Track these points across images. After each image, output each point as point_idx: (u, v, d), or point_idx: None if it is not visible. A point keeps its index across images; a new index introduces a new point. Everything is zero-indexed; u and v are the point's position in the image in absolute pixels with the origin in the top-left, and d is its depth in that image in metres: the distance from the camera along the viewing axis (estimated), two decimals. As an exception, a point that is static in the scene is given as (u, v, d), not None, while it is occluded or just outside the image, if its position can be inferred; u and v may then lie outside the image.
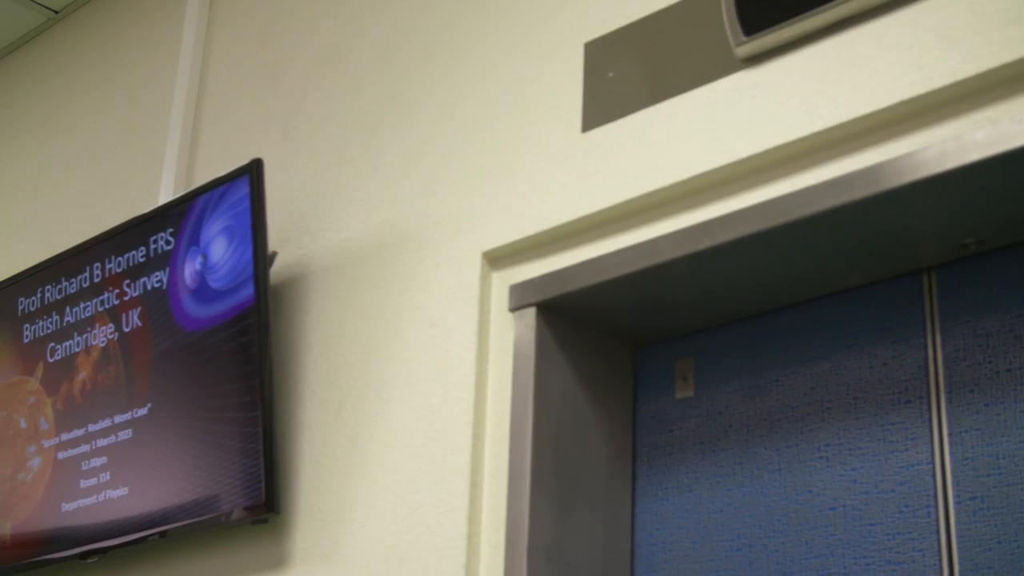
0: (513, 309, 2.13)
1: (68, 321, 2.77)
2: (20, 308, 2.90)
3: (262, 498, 2.29)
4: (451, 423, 2.13)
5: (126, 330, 2.63)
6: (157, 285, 2.58)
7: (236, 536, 2.40)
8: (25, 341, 2.86)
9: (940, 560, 1.76)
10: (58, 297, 2.81)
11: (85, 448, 2.65)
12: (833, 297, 2.00)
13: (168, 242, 2.57)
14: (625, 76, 2.07)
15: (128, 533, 2.51)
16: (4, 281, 2.99)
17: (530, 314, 2.11)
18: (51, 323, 2.81)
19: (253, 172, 2.42)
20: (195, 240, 2.51)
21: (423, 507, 2.12)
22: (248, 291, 2.38)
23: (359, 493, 2.23)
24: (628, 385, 2.21)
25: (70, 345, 2.75)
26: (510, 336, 2.13)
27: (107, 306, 2.69)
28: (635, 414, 2.19)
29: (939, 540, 1.77)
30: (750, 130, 1.86)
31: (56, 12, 3.60)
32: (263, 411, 2.31)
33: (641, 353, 2.22)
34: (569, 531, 2.04)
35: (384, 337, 2.30)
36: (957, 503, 1.77)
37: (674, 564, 2.05)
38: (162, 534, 2.45)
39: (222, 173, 2.49)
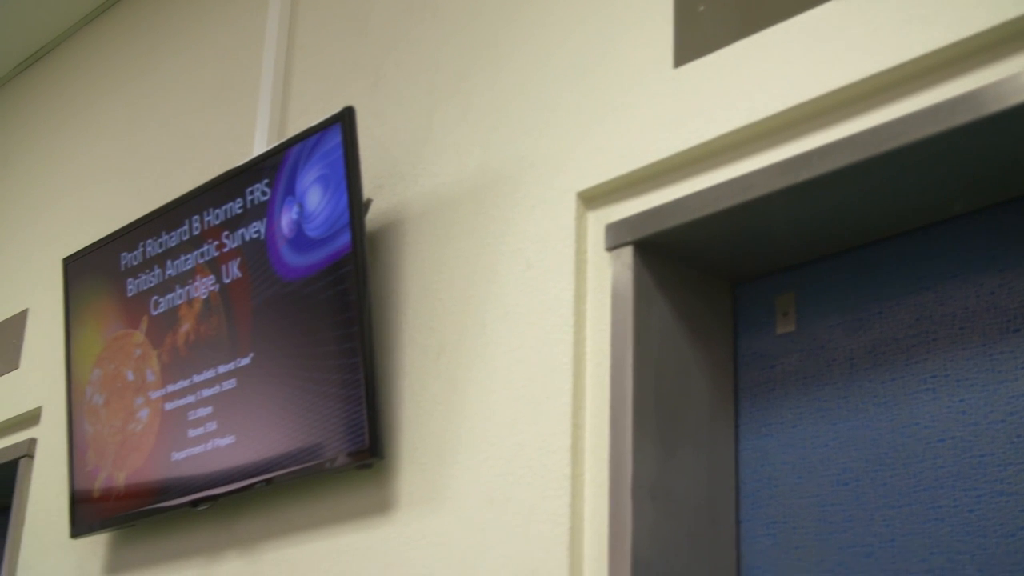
0: (609, 248, 2.11)
1: (170, 274, 2.81)
2: (123, 263, 2.95)
3: (366, 443, 2.31)
4: (550, 364, 2.13)
5: (226, 281, 2.66)
6: (255, 236, 2.61)
7: (341, 482, 2.43)
8: (129, 295, 2.91)
9: (1053, 490, 1.74)
10: (159, 251, 2.85)
11: (191, 398, 2.69)
12: (937, 226, 1.96)
13: (264, 193, 2.60)
14: (716, 9, 2.04)
15: (236, 481, 2.56)
16: (106, 237, 3.04)
17: (627, 253, 2.09)
18: (153, 277, 2.85)
19: (345, 120, 2.42)
20: (291, 190, 2.53)
21: (525, 449, 2.13)
22: (345, 239, 2.39)
23: (461, 436, 2.25)
24: (728, 322, 2.19)
25: (172, 298, 2.79)
26: (607, 276, 2.12)
27: (207, 258, 2.72)
28: (736, 351, 2.18)
29: (1051, 470, 1.75)
30: (845, 59, 1.82)
31: (145, -31, 3.63)
32: (363, 357, 2.33)
33: (740, 289, 2.20)
34: (673, 469, 2.03)
35: (481, 281, 2.30)
36: (1069, 432, 1.74)
37: (779, 500, 2.04)
38: (268, 481, 2.50)
39: (314, 123, 2.50)
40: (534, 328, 2.18)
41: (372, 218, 2.50)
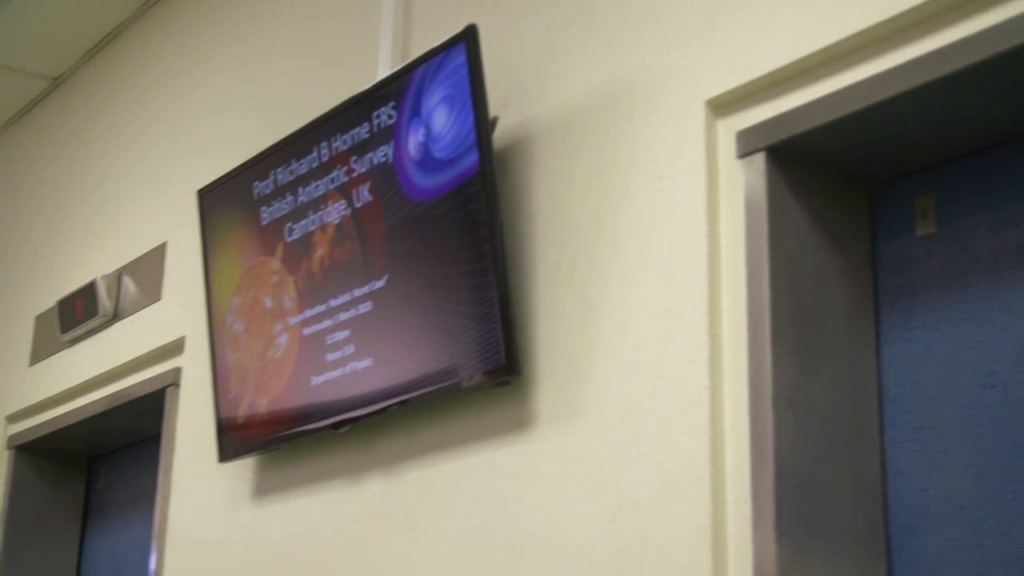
0: (741, 156, 2.08)
1: (302, 201, 2.84)
2: (256, 192, 2.99)
3: (502, 361, 2.32)
4: (685, 276, 2.11)
5: (357, 205, 2.68)
6: (383, 159, 2.62)
7: (478, 400, 2.45)
8: (263, 223, 2.95)
9: None
10: (290, 178, 2.88)
11: (328, 323, 2.73)
12: (1083, 119, 1.89)
13: (390, 116, 2.60)
14: (845, -97, 1.97)
15: (375, 402, 2.59)
16: (238, 167, 3.08)
17: (759, 160, 2.06)
18: (286, 204, 2.89)
19: (468, 39, 2.41)
20: (416, 112, 2.53)
21: (662, 361, 2.12)
22: (472, 158, 2.39)
23: (597, 351, 2.24)
24: (865, 226, 2.14)
25: (306, 224, 2.82)
26: (740, 184, 2.08)
27: (337, 184, 2.74)
28: (875, 255, 2.13)
29: None
30: (985, -53, 1.75)
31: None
32: (497, 276, 2.34)
33: (877, 193, 2.15)
34: (814, 377, 2.01)
35: (612, 195, 2.28)
36: None
37: (924, 405, 2.00)
38: (407, 402, 2.52)
39: (437, 43, 2.49)
40: (667, 240, 2.16)
41: (499, 136, 2.50)
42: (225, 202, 3.10)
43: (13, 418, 4.30)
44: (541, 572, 2.26)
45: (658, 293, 2.15)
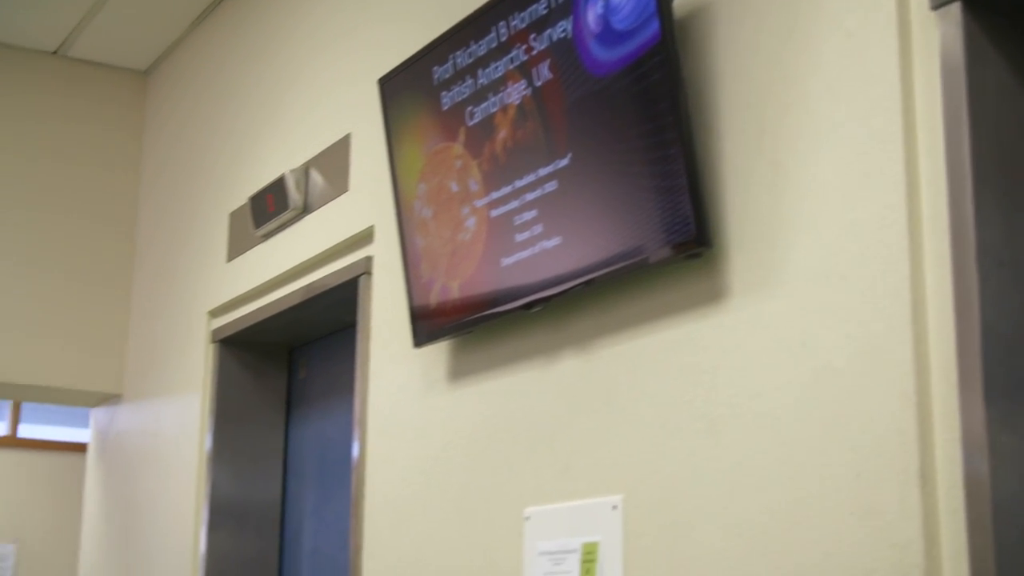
0: (935, 7, 1.99)
1: (482, 83, 2.83)
2: (435, 77, 2.99)
3: (692, 233, 2.30)
4: (879, 135, 2.05)
5: (538, 84, 2.66)
6: (562, 35, 2.59)
7: (670, 274, 2.43)
8: (444, 108, 2.96)
9: None
10: (469, 61, 2.87)
11: (515, 204, 2.73)
12: None
13: (567, -10, 2.56)
14: None
15: (566, 281, 2.59)
16: (417, 53, 3.08)
17: (955, 10, 1.97)
18: (466, 88, 2.88)
19: (643, -96, 2.35)
20: (593, -16, 2.49)
21: (858, 224, 2.07)
22: (653, 28, 2.35)
23: (790, 217, 2.20)
24: (1071, 73, 2.04)
25: (487, 106, 2.82)
26: (934, 38, 2.00)
27: (516, 63, 2.72)
28: (1082, 103, 2.03)
29: None
30: None
31: None
32: (683, 146, 2.30)
33: (1084, 37, 2.04)
34: (1020, 234, 1.93)
35: (799, 56, 2.22)
36: None
37: None
38: (597, 279, 2.52)
39: (612, -89, 2.44)
40: (859, 99, 2.09)
41: (680, 4, 2.44)
42: (406, 90, 3.12)
43: (215, 313, 4.45)
44: (741, 443, 2.25)
45: (851, 154, 2.10)
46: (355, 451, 3.44)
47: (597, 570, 2.50)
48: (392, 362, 3.32)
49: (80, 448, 7.93)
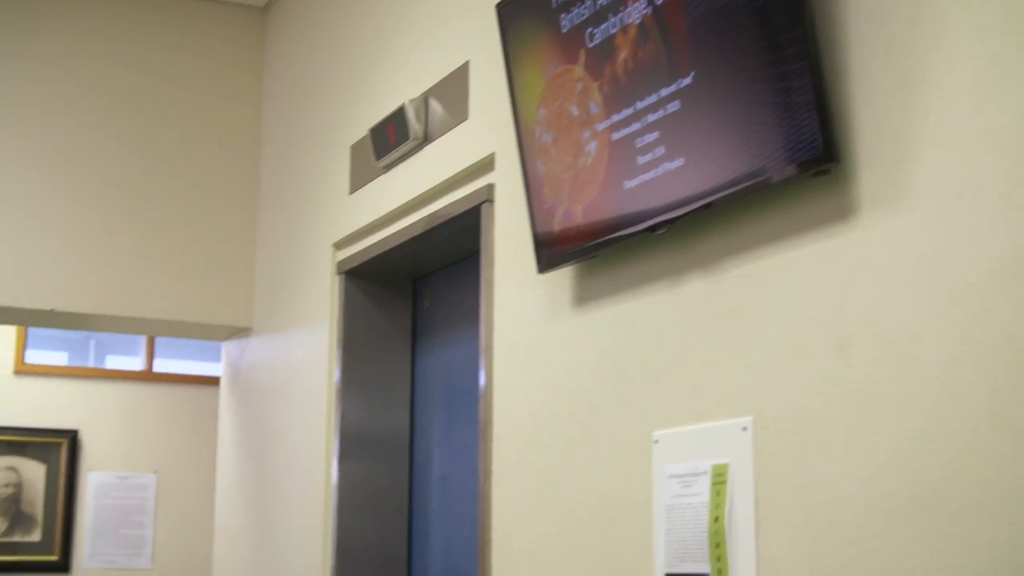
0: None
1: (601, 3, 2.79)
2: (554, 0, 2.96)
3: (819, 149, 2.25)
4: (1014, 44, 1.98)
5: (658, 2, 2.62)
6: (682, -48, 2.54)
7: (796, 192, 2.39)
8: (563, 31, 2.93)
9: None
10: (587, -18, 2.84)
11: (636, 126, 2.70)
12: None
13: (686, -94, 2.51)
14: None
15: (690, 203, 2.56)
16: (533, -23, 3.05)
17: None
18: (585, 8, 2.85)
19: None
20: (713, -102, 2.43)
21: (991, 137, 2.01)
22: (776, -60, 2.29)
23: (921, 130, 2.14)
24: None
25: (606, 27, 2.78)
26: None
27: (636, -18, 2.68)
28: None
29: None
30: None
31: None
32: (809, 61, 2.26)
33: None
34: None
35: (928, -38, 2.15)
36: None
37: None
38: (722, 199, 2.49)
39: None
40: (994, 7, 2.02)
41: (802, -86, 2.37)
42: (524, 14, 3.09)
43: (339, 245, 4.49)
44: (872, 362, 2.21)
45: (985, 65, 2.03)
46: (481, 379, 3.46)
47: (727, 492, 2.49)
48: (516, 289, 3.33)
49: (213, 381, 8.12)
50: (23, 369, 8.10)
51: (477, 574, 3.46)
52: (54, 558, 7.98)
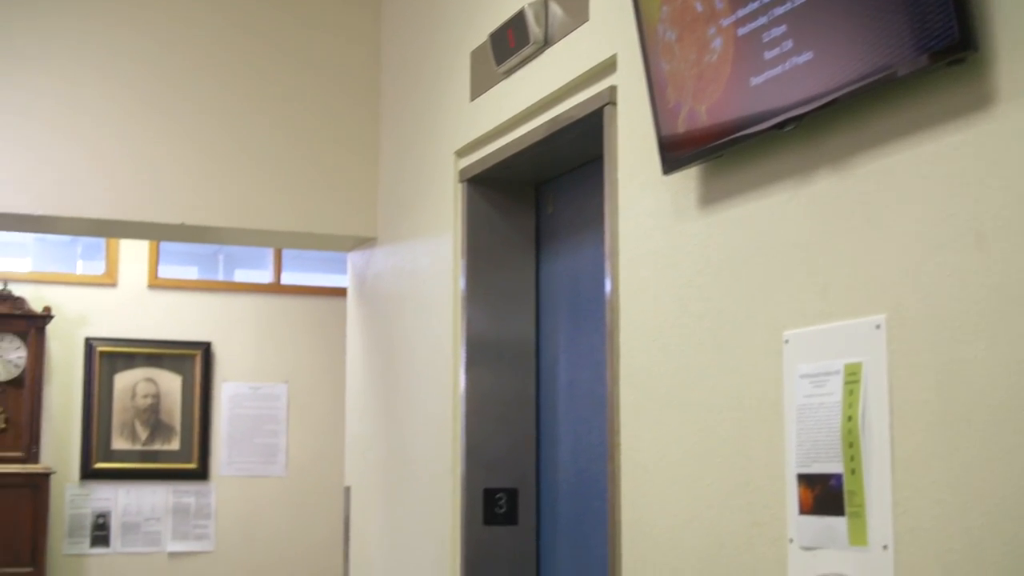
0: None
1: None
2: None
3: (955, 37, 2.17)
4: None
5: None
6: None
7: (930, 83, 2.32)
8: (685, -75, 2.86)
9: None
10: None
11: (763, 20, 2.64)
12: None
13: None
14: None
15: (819, 98, 2.50)
16: None
17: None
18: (708, -99, 2.78)
19: None
20: None
21: None
22: None
23: (1064, 13, 2.06)
24: None
25: (730, -81, 2.71)
26: None
27: None
28: None
29: None
30: None
31: None
32: (944, -56, 2.17)
33: None
34: None
35: None
36: None
37: None
38: (854, 93, 2.42)
39: None
40: None
41: None
42: (644, -91, 3.03)
43: (461, 152, 4.49)
44: (1011, 256, 2.15)
45: None
46: (607, 283, 3.44)
47: (861, 391, 2.46)
48: (641, 192, 3.30)
49: (340, 292, 8.23)
50: (156, 283, 8.30)
51: (606, 478, 3.48)
52: (193, 466, 8.22)
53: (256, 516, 8.27)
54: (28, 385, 7.65)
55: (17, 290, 7.79)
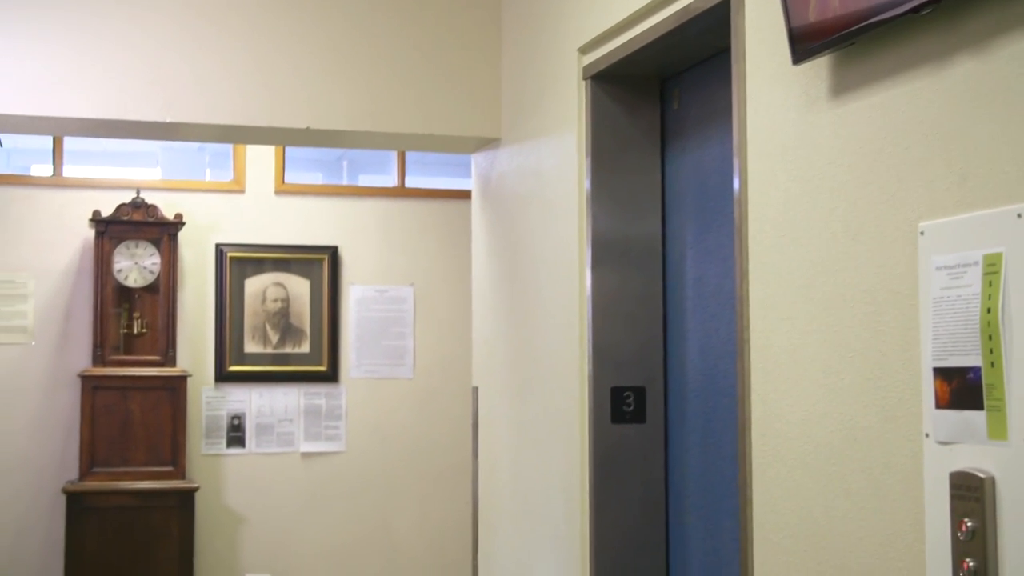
0: None
1: None
2: None
3: (1106, -92, 2.07)
4: None
5: None
6: None
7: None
8: None
9: None
10: None
11: (899, -101, 2.54)
12: None
13: None
14: None
15: (957, -21, 2.41)
16: None
17: None
18: None
19: None
20: None
21: None
22: None
23: None
24: None
25: None
26: None
27: None
28: None
29: None
30: None
31: None
32: None
33: None
34: None
35: None
36: None
37: None
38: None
39: None
40: None
41: None
42: None
43: (584, 49, 4.43)
44: None
45: None
46: (735, 178, 3.39)
47: (1001, 282, 2.39)
48: (770, 83, 3.23)
49: (463, 195, 8.26)
50: (283, 189, 8.41)
51: (735, 375, 3.45)
52: (323, 368, 8.38)
53: (385, 417, 8.41)
54: (163, 291, 7.84)
55: (149, 198, 7.95)
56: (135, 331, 7.78)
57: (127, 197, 7.90)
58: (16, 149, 8.73)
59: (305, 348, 8.28)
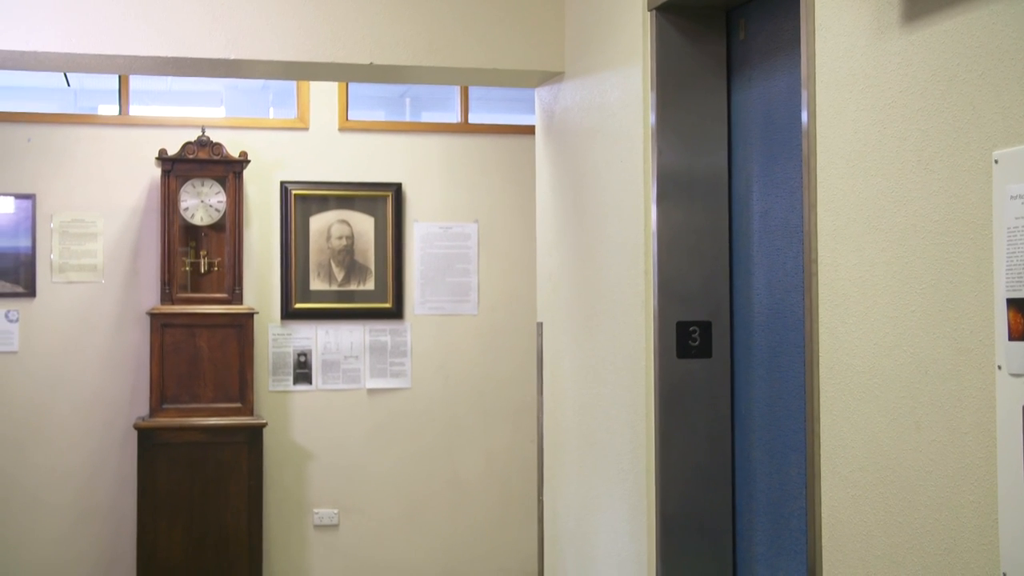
0: None
1: None
2: None
3: None
4: None
5: None
6: None
7: None
8: None
9: None
10: None
11: None
12: None
13: None
14: None
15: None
16: None
17: None
18: None
19: None
20: None
21: None
22: None
23: None
24: None
25: None
26: None
27: None
28: None
29: None
30: None
31: None
32: None
33: None
34: None
35: None
36: None
37: None
38: None
39: None
40: None
41: None
42: None
43: (649, -20, 4.38)
44: None
45: None
46: (803, 108, 3.33)
47: (1078, 211, 2.34)
48: (839, 11, 3.16)
49: (526, 130, 8.22)
50: (347, 126, 8.41)
51: (802, 308, 3.41)
52: (388, 305, 8.41)
53: (450, 354, 8.44)
54: (229, 229, 7.88)
55: (214, 136, 7.98)
56: (202, 269, 7.84)
57: (192, 136, 7.93)
58: (83, 89, 8.78)
59: (370, 285, 8.30)
